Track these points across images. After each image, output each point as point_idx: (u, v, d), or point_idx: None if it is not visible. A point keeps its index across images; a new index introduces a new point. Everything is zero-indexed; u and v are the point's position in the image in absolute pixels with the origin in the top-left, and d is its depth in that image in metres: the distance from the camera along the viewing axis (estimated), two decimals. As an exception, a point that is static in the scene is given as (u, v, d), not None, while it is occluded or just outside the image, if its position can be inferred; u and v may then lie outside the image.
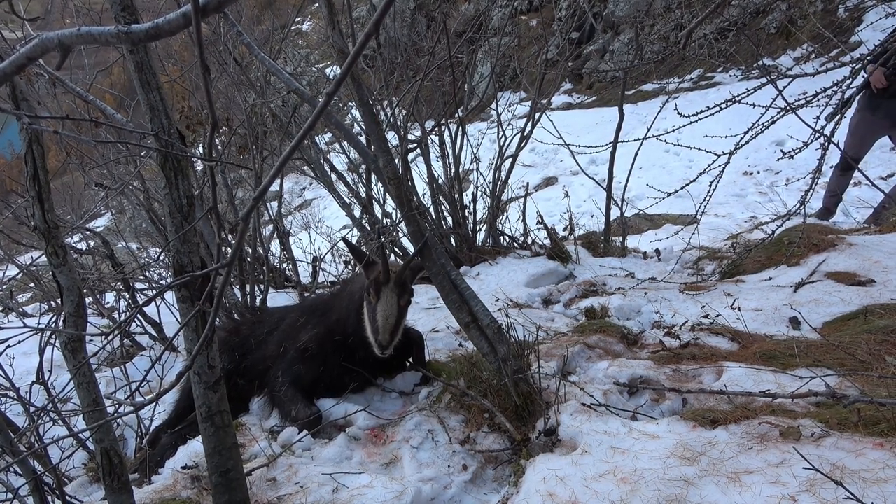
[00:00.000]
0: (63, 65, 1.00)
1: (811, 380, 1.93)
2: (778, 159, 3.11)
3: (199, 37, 0.80)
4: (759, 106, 2.84)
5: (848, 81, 2.58)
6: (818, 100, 2.65)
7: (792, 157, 2.72)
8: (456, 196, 4.89)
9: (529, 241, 5.09)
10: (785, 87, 2.80)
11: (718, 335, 2.77)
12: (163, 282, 5.02)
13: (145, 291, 4.66)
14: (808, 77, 2.84)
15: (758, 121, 2.93)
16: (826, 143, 2.65)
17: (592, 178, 5.48)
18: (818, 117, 2.73)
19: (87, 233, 4.93)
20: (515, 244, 5.12)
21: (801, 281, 3.16)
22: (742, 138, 2.94)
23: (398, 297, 2.38)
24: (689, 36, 3.11)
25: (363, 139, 3.50)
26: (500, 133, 5.00)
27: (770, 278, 3.45)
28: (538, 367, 2.25)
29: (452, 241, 4.98)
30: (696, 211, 3.49)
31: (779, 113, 2.86)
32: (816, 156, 3.00)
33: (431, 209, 4.89)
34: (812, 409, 1.92)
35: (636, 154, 4.68)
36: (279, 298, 4.58)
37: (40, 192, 1.45)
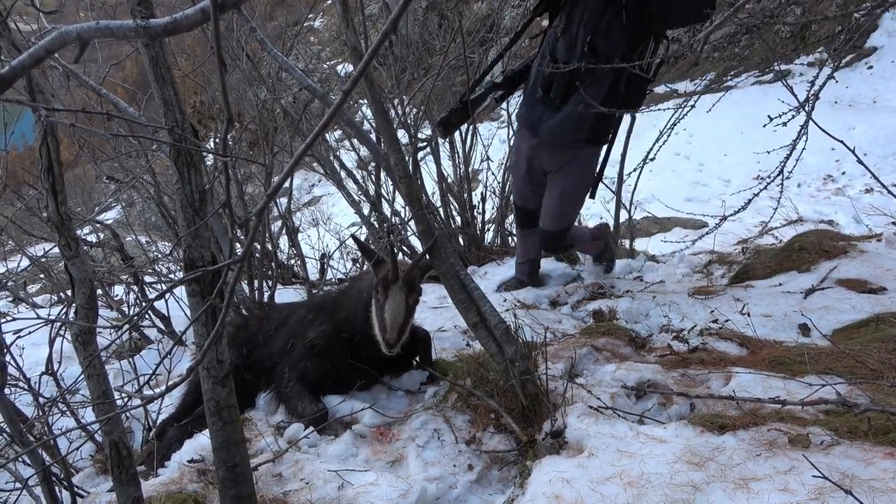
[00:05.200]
0: (80, 58, 1.01)
1: (821, 387, 1.92)
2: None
3: (216, 33, 0.80)
4: (787, 104, 2.79)
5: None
6: (837, 102, 2.61)
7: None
8: (465, 196, 4.89)
9: (538, 241, 5.08)
10: (808, 100, 2.76)
11: (727, 340, 2.76)
12: (172, 276, 5.05)
13: (154, 285, 4.68)
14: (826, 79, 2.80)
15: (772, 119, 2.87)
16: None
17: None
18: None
19: (98, 225, 4.95)
20: (524, 245, 5.10)
21: (812, 287, 3.14)
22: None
23: (406, 295, 2.38)
24: (706, 40, 3.09)
25: (374, 137, 3.51)
26: (510, 133, 5.00)
27: (780, 284, 3.43)
28: (545, 368, 2.24)
29: (461, 240, 4.98)
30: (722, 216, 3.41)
31: (790, 111, 2.80)
32: (825, 160, 2.97)
33: (440, 208, 4.90)
34: (822, 416, 1.91)
35: (648, 155, 4.67)
36: (287, 295, 4.59)
37: (54, 184, 1.46)
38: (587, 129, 3.08)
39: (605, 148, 3.35)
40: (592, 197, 3.41)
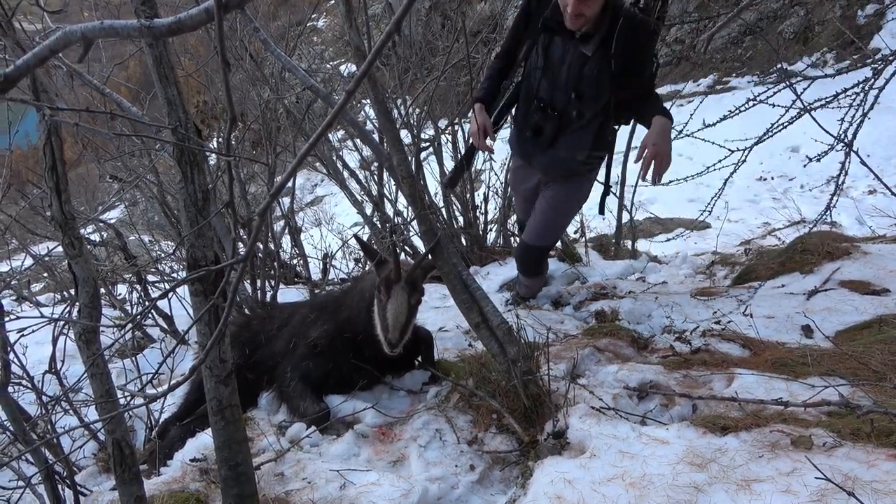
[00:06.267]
0: (84, 58, 1.01)
1: (824, 389, 1.92)
2: (804, 165, 2.99)
3: (220, 32, 0.80)
4: (780, 106, 2.81)
5: (871, 81, 2.54)
6: (838, 101, 2.62)
7: (818, 160, 2.67)
8: (467, 196, 4.89)
9: (540, 242, 5.06)
10: (803, 92, 2.77)
11: (730, 341, 2.75)
12: (174, 275, 5.05)
13: (157, 284, 4.69)
14: (827, 80, 2.80)
15: (777, 121, 2.88)
16: (847, 149, 2.60)
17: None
18: (841, 120, 2.68)
19: (101, 224, 4.96)
20: (526, 245, 5.09)
21: (815, 289, 3.13)
22: (758, 139, 2.90)
23: (409, 295, 2.38)
24: (710, 41, 3.08)
25: (376, 137, 3.51)
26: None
27: (783, 285, 3.42)
28: (548, 369, 2.24)
29: (463, 240, 4.98)
30: (708, 204, 3.43)
31: (798, 113, 2.81)
32: (828, 161, 2.96)
33: (443, 208, 4.90)
34: (824, 418, 1.91)
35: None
36: (290, 294, 4.60)
37: (58, 183, 1.46)
38: (581, 163, 3.11)
39: (603, 166, 3.35)
40: (601, 213, 3.38)
